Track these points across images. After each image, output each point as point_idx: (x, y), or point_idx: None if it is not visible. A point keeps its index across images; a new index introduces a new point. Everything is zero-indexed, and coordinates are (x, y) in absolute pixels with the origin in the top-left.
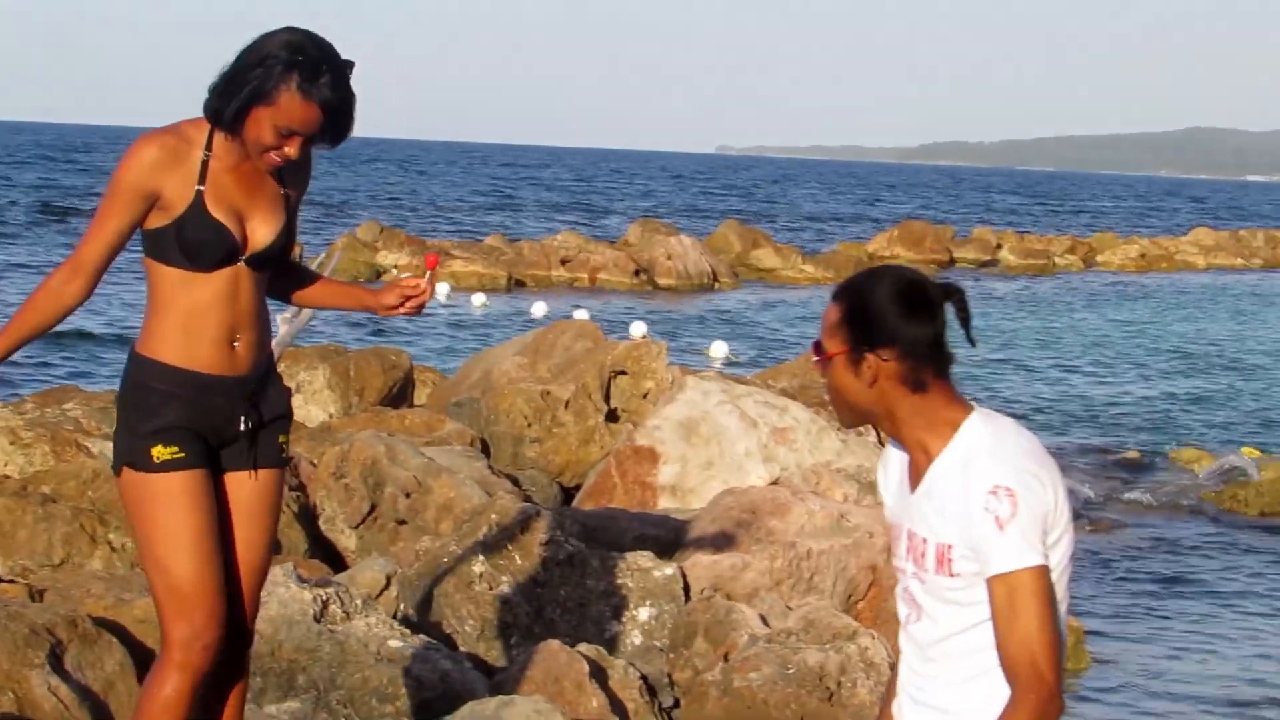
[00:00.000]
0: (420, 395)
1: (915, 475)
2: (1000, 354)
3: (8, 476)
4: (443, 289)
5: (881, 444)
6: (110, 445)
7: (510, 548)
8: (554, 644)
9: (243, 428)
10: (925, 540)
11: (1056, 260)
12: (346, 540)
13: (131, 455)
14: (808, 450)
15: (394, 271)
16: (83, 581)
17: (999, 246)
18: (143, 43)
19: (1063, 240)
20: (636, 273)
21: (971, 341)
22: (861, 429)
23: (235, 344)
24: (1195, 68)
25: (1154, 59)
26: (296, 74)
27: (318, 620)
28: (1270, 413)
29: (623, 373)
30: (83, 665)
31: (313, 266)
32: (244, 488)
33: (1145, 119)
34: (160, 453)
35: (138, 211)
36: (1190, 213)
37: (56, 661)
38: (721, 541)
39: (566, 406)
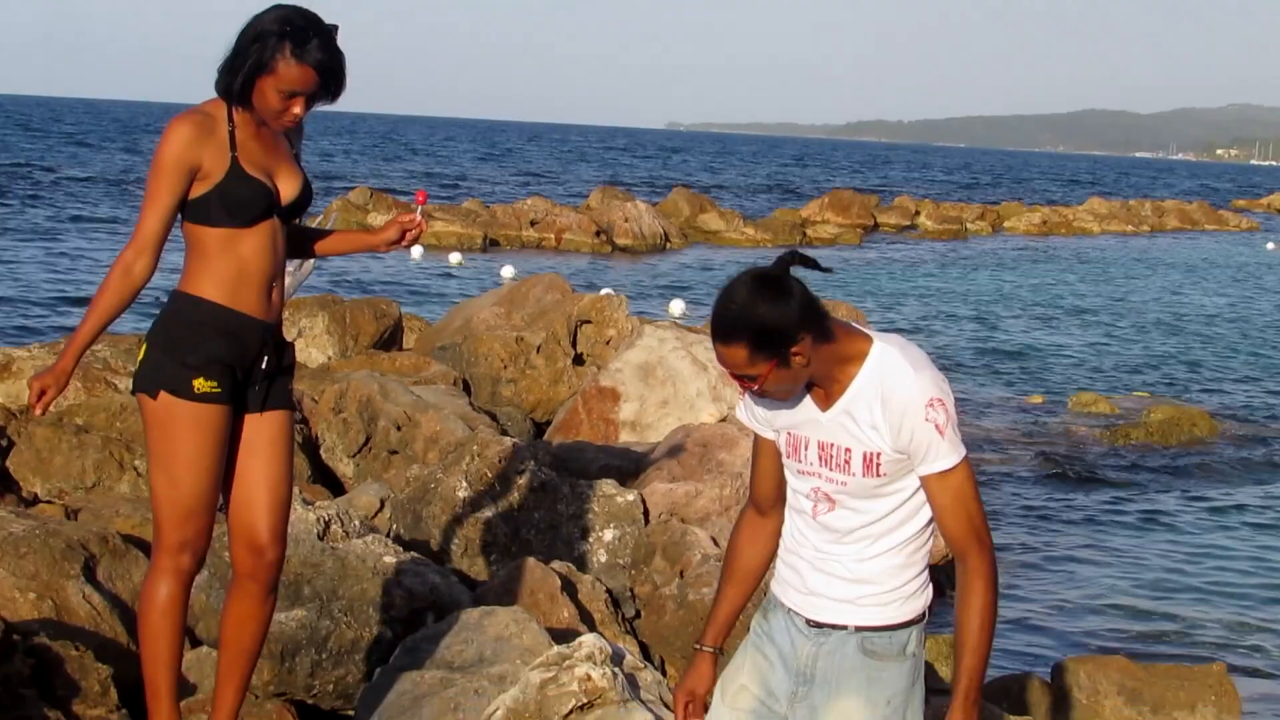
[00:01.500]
0: (408, 340)
1: (826, 398)
2: (920, 309)
3: None
4: (417, 250)
5: None
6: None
7: (490, 475)
8: (530, 561)
9: (264, 367)
10: (848, 449)
11: (969, 226)
12: (345, 468)
13: (174, 382)
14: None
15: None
16: (112, 502)
17: (918, 213)
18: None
19: (974, 208)
20: (597, 233)
21: (828, 270)
22: None
23: (271, 291)
24: (1089, 54)
25: (1052, 45)
26: (288, 42)
27: (321, 538)
28: (1155, 359)
29: (588, 322)
30: (113, 576)
31: (313, 226)
32: (264, 426)
33: (1045, 101)
34: (201, 385)
35: (183, 185)
36: (1085, 185)
37: (90, 573)
38: (676, 471)
39: (538, 351)
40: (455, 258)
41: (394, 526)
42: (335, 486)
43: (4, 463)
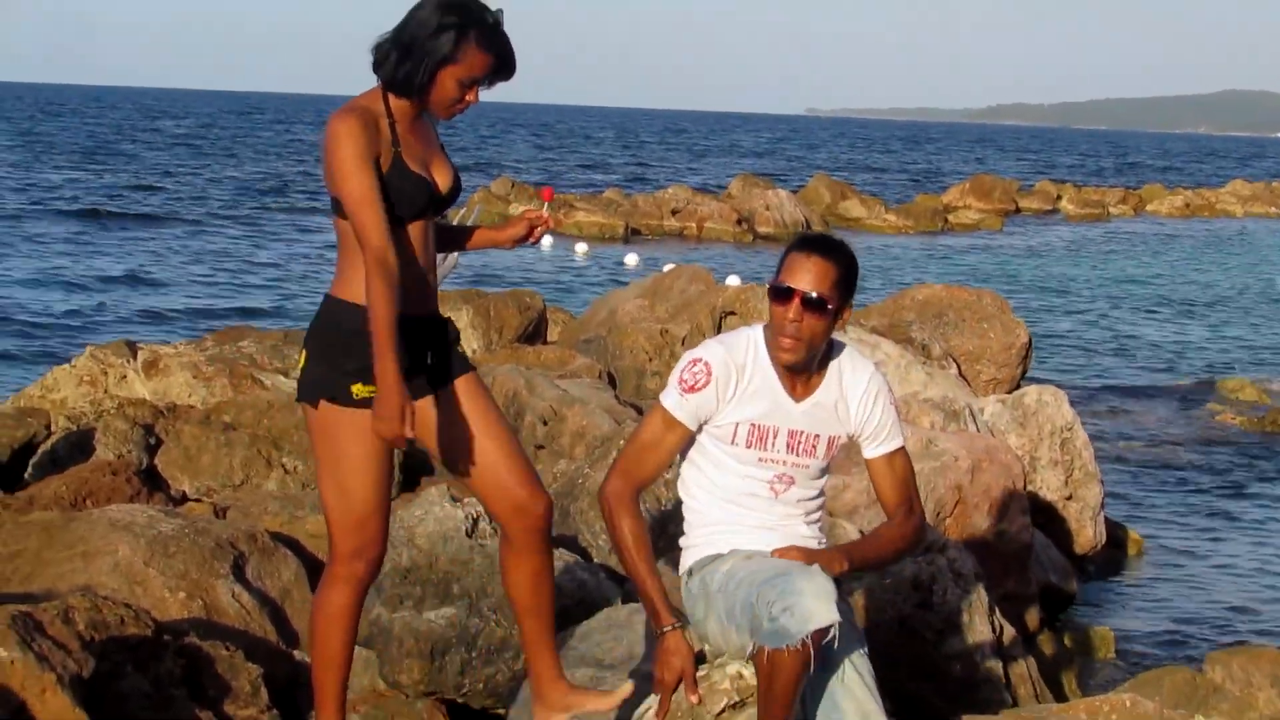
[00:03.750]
0: (552, 333)
1: (798, 388)
2: (1063, 294)
3: (192, 407)
4: (547, 241)
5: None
6: (285, 379)
7: None
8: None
9: (429, 361)
10: (817, 436)
11: (1111, 209)
12: None
13: (333, 390)
14: (897, 382)
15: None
16: (260, 500)
17: (1059, 198)
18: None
19: (1116, 191)
20: (738, 222)
21: None
22: (945, 363)
23: (428, 283)
24: (1231, 34)
25: (1194, 26)
26: (473, 30)
27: (469, 535)
28: None
29: (732, 313)
30: (262, 575)
31: (455, 219)
32: (460, 394)
33: (1186, 81)
34: (360, 390)
35: (374, 175)
36: (1228, 166)
37: (239, 572)
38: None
39: (683, 343)
40: (581, 248)
41: None
42: None
43: (152, 461)
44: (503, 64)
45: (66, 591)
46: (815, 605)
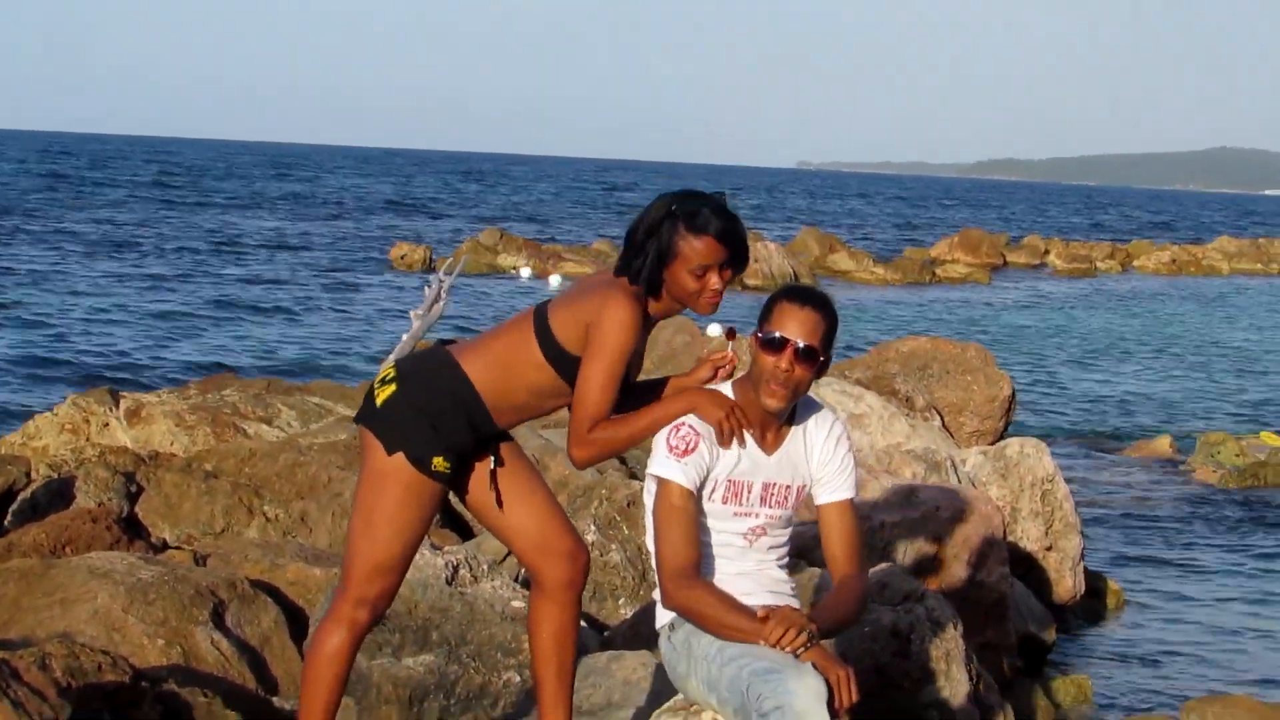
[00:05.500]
0: None
1: (769, 440)
2: (1050, 349)
3: (174, 455)
4: (555, 280)
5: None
6: (268, 428)
7: (618, 519)
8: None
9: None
10: (788, 486)
11: (1098, 265)
12: None
13: (418, 450)
14: (880, 433)
15: (513, 271)
16: (241, 548)
17: (1047, 252)
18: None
19: (1103, 246)
20: None
21: None
22: (928, 415)
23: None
24: (1221, 92)
25: (1184, 83)
26: (681, 221)
27: (449, 583)
28: None
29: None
30: (241, 622)
31: (442, 269)
32: (505, 454)
33: (1176, 139)
34: (440, 464)
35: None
36: (1216, 223)
37: (218, 619)
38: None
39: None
40: (555, 281)
41: (522, 570)
42: (464, 531)
43: (133, 509)
44: (730, 247)
45: (45, 638)
46: (807, 706)
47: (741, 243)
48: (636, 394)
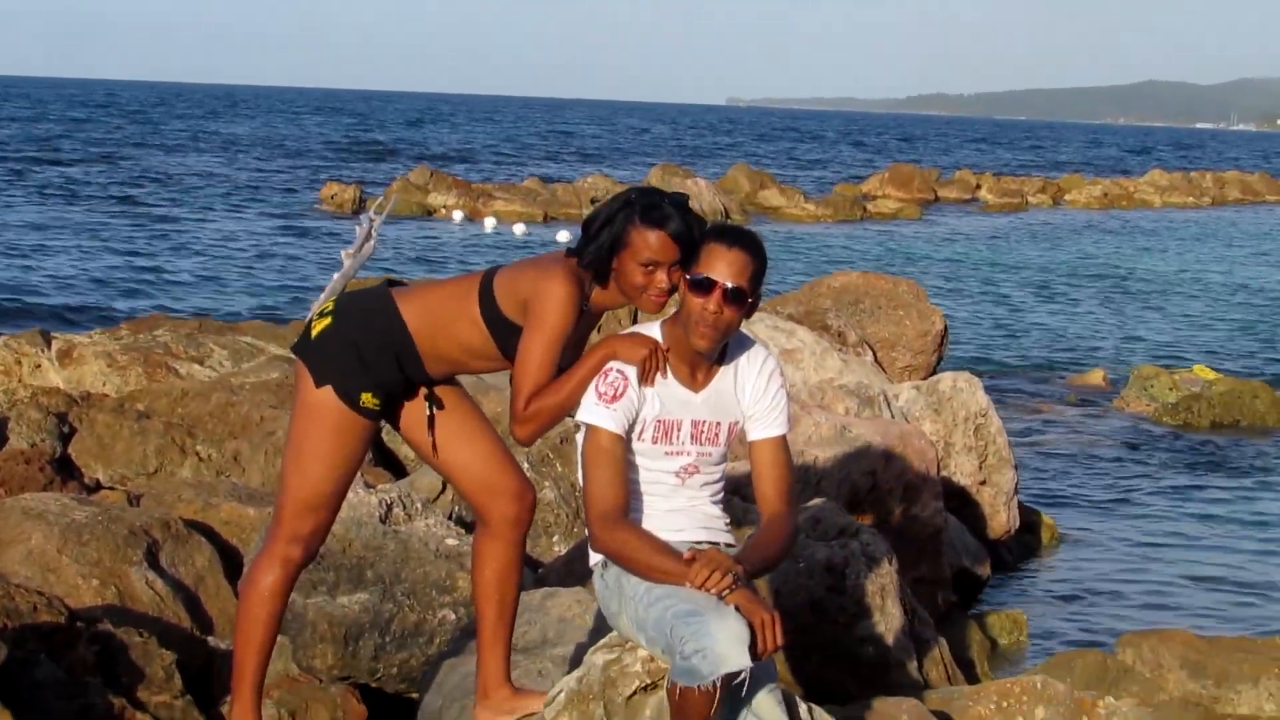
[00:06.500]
0: None
1: (696, 379)
2: (979, 283)
3: (106, 395)
4: (489, 222)
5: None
6: (200, 368)
7: (551, 456)
8: None
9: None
10: (718, 424)
11: (1030, 199)
12: (407, 449)
13: (345, 385)
14: (813, 369)
15: (443, 210)
16: (174, 488)
17: (978, 187)
18: None
19: (1035, 181)
20: None
21: None
22: (860, 350)
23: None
24: (1150, 25)
25: (1114, 17)
26: (638, 213)
27: (383, 521)
28: (1218, 334)
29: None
30: (176, 562)
31: (372, 208)
32: (444, 394)
33: (1106, 73)
34: (368, 400)
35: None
36: (1147, 157)
37: (153, 559)
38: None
39: (598, 331)
40: (520, 228)
41: (455, 508)
42: (397, 469)
43: (66, 450)
44: (683, 248)
45: None
46: (727, 650)
47: (697, 248)
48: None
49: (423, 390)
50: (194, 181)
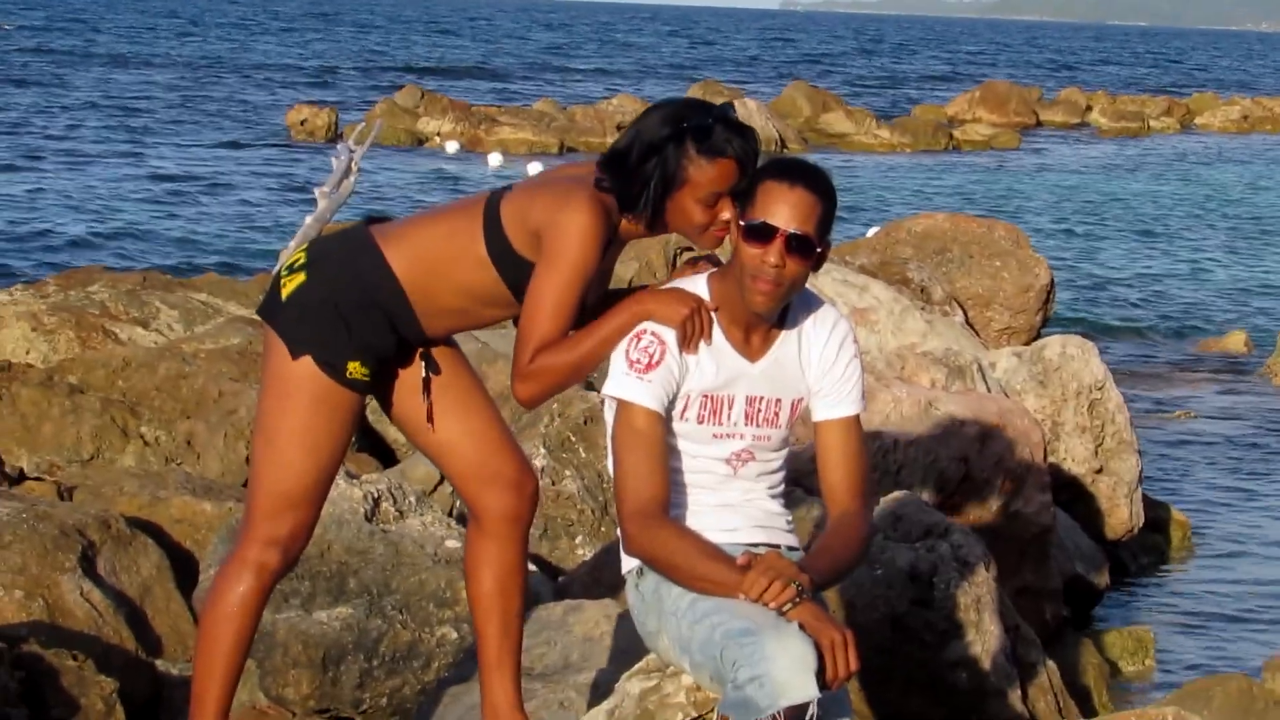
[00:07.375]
0: None
1: (754, 346)
2: (1093, 227)
3: (30, 366)
4: (494, 159)
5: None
6: (144, 331)
7: (573, 439)
8: None
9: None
10: (779, 400)
11: (1152, 123)
12: (396, 432)
13: (328, 354)
14: (890, 332)
15: (437, 139)
16: (114, 479)
17: (1089, 108)
18: None
19: (1159, 101)
20: None
21: None
22: (948, 309)
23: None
24: None
25: None
26: (692, 142)
27: (369, 519)
28: None
29: (688, 248)
30: (117, 569)
31: (351, 137)
32: (443, 362)
33: None
34: (355, 370)
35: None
36: None
37: (88, 565)
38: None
39: (629, 284)
40: (495, 159)
41: (457, 503)
42: (386, 456)
43: None
44: (746, 169)
45: None
46: (789, 678)
47: (754, 165)
48: (595, 314)
49: (417, 357)
50: (134, 103)
